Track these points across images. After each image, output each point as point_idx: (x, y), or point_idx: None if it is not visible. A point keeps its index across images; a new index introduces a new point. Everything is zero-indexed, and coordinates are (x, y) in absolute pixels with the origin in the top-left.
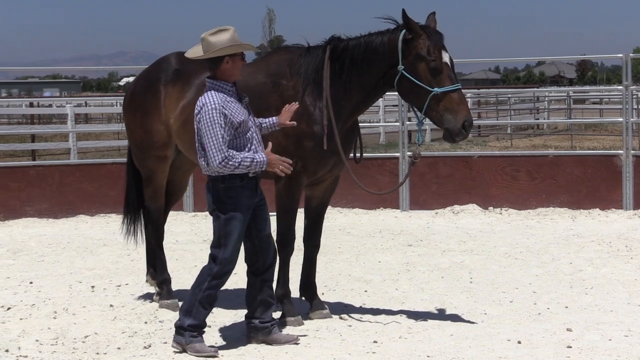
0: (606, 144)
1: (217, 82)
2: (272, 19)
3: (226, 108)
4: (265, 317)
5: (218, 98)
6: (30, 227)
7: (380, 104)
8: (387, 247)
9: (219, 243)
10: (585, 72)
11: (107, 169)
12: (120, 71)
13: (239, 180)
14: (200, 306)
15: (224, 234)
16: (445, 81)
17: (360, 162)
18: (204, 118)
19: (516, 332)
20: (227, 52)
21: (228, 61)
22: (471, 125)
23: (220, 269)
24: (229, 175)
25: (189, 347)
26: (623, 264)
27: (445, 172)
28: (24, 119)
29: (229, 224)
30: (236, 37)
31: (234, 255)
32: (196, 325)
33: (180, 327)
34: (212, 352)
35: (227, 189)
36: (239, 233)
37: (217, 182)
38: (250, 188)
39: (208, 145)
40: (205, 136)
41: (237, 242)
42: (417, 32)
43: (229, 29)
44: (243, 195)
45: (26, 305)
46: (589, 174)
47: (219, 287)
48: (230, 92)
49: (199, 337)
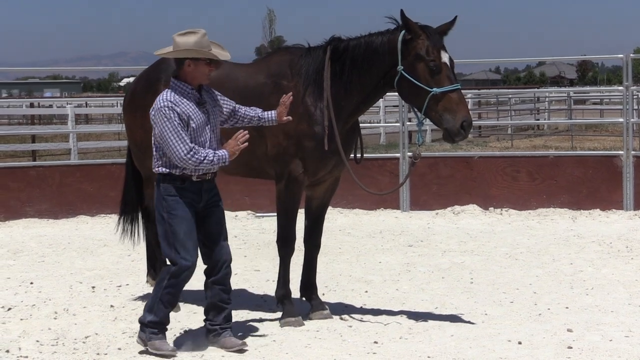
0: (607, 145)
1: (178, 83)
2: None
3: (177, 106)
4: (216, 320)
5: (170, 96)
6: (30, 228)
7: (381, 105)
8: (387, 247)
9: (168, 243)
10: (586, 72)
11: (107, 170)
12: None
13: (179, 182)
14: (161, 304)
15: (171, 233)
16: (444, 81)
17: (361, 162)
18: (158, 115)
19: (517, 332)
20: (185, 55)
21: (190, 64)
22: (470, 125)
23: (177, 268)
24: (171, 176)
25: (149, 344)
26: (623, 265)
27: (446, 173)
28: (24, 120)
29: (172, 223)
30: (203, 42)
31: (187, 255)
32: (156, 322)
33: (142, 323)
34: (169, 352)
35: (168, 188)
36: (184, 232)
37: (160, 181)
38: (192, 191)
39: (169, 139)
40: (163, 132)
41: (185, 241)
42: (416, 33)
43: (198, 32)
44: (184, 196)
45: (27, 305)
46: (589, 175)
47: (180, 287)
48: (189, 94)
49: (159, 335)
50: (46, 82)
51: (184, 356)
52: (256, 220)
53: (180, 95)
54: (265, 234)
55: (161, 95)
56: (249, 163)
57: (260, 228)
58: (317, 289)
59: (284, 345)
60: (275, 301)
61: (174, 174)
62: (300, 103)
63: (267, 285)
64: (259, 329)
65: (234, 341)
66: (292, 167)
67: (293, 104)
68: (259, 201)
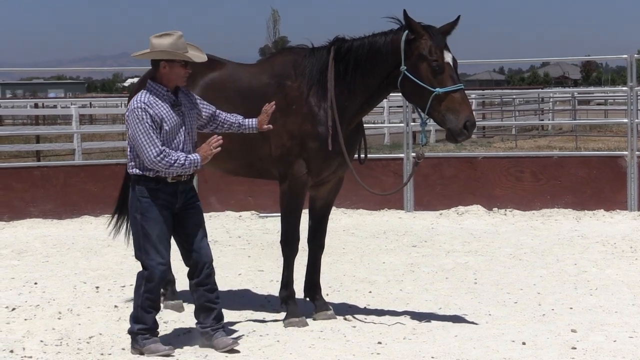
0: (611, 145)
1: (153, 85)
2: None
3: (151, 108)
4: (206, 322)
5: (144, 97)
6: (34, 228)
7: (385, 105)
8: (391, 248)
9: (139, 245)
10: (590, 73)
11: (111, 170)
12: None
13: (154, 183)
14: (143, 311)
15: (143, 235)
16: (447, 81)
17: (365, 162)
18: (131, 117)
19: (521, 333)
20: (159, 57)
21: (165, 66)
22: (473, 125)
23: (150, 272)
24: (145, 177)
25: (145, 350)
26: (628, 265)
27: (450, 173)
28: (28, 120)
29: (145, 225)
30: (178, 44)
31: (158, 257)
32: (146, 328)
33: (132, 333)
34: (167, 350)
35: (142, 189)
36: (157, 234)
37: (135, 182)
38: (167, 192)
39: (140, 141)
40: (136, 133)
41: (158, 243)
42: (419, 33)
43: (174, 34)
44: (158, 197)
45: (31, 305)
46: (593, 175)
47: (157, 289)
48: (164, 96)
49: (152, 339)
50: (50, 82)
51: (187, 356)
52: (260, 220)
53: (155, 96)
54: (269, 234)
55: (136, 97)
56: (252, 164)
57: (264, 228)
58: (321, 289)
59: (288, 345)
60: (279, 301)
61: (148, 176)
62: (304, 103)
63: (271, 286)
64: (262, 329)
65: (225, 341)
66: (296, 167)
67: (297, 105)
68: (262, 201)
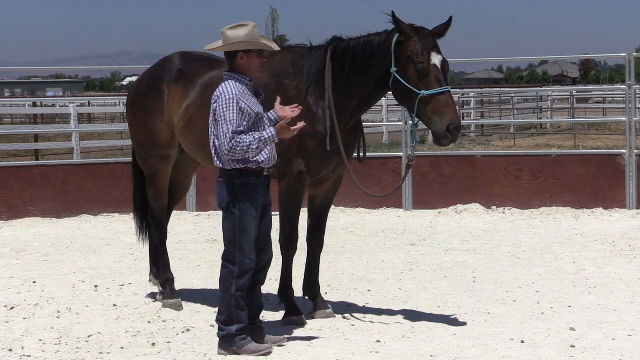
0: (609, 144)
1: (234, 75)
2: (275, 19)
3: (243, 99)
4: (258, 321)
5: (235, 88)
6: (33, 227)
7: (384, 103)
8: (390, 246)
9: (234, 241)
10: (589, 71)
11: (110, 169)
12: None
13: (254, 178)
14: (238, 309)
15: (240, 231)
16: (433, 84)
17: (364, 161)
18: (220, 107)
19: (519, 331)
20: (238, 48)
21: (242, 57)
22: (457, 128)
23: (241, 268)
24: (246, 172)
25: (242, 351)
26: (626, 264)
27: (448, 172)
28: (27, 119)
29: (244, 221)
30: (254, 34)
31: (251, 253)
32: (242, 328)
33: (229, 336)
34: (268, 348)
35: (243, 185)
36: (253, 230)
37: (233, 178)
38: (264, 187)
39: (222, 132)
40: (219, 124)
41: (252, 239)
42: (407, 35)
43: (248, 25)
44: (258, 192)
45: (29, 304)
46: (592, 174)
47: (246, 286)
48: (247, 85)
49: (248, 339)
50: (49, 81)
51: (187, 355)
52: None
53: (244, 87)
54: None
55: (225, 87)
56: None
57: None
58: (320, 288)
59: (287, 344)
60: (277, 300)
61: (250, 169)
62: (302, 102)
63: (270, 284)
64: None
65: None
66: (295, 166)
67: (295, 103)
68: None
